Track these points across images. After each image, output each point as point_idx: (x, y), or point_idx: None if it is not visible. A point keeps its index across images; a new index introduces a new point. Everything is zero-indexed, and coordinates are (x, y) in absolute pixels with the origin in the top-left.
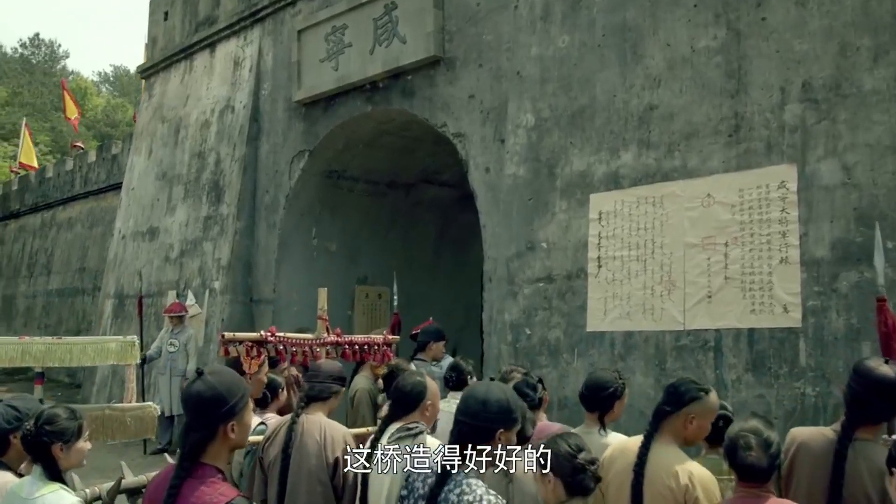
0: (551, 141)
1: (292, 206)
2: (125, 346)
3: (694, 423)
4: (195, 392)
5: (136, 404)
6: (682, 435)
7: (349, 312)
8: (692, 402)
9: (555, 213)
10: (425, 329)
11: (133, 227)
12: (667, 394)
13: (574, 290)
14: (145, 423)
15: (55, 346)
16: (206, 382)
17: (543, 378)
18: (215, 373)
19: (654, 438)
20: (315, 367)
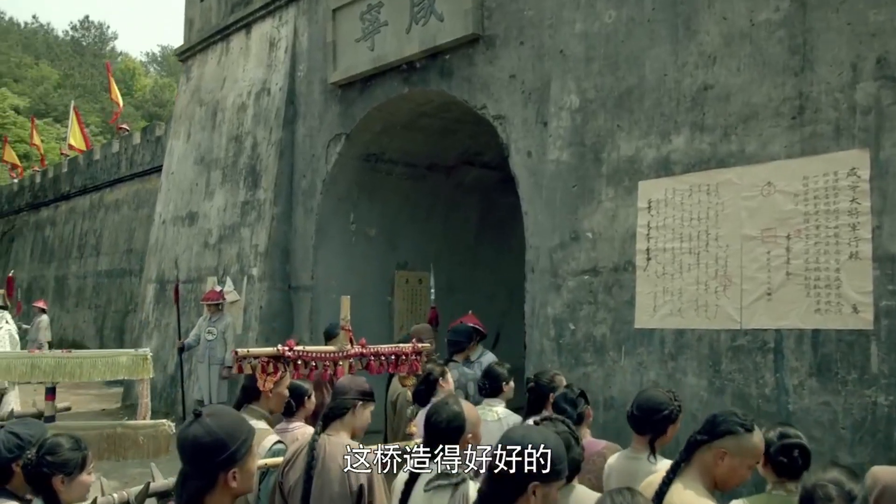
0: (597, 124)
1: (329, 191)
2: (137, 359)
3: (726, 460)
4: (192, 437)
5: (149, 422)
6: (711, 473)
7: (389, 298)
8: (727, 435)
9: (601, 202)
10: (456, 329)
11: (173, 211)
12: (704, 422)
13: (621, 283)
14: (159, 442)
15: (65, 360)
16: (205, 426)
17: (588, 377)
18: (215, 414)
19: (680, 470)
20: (340, 387)
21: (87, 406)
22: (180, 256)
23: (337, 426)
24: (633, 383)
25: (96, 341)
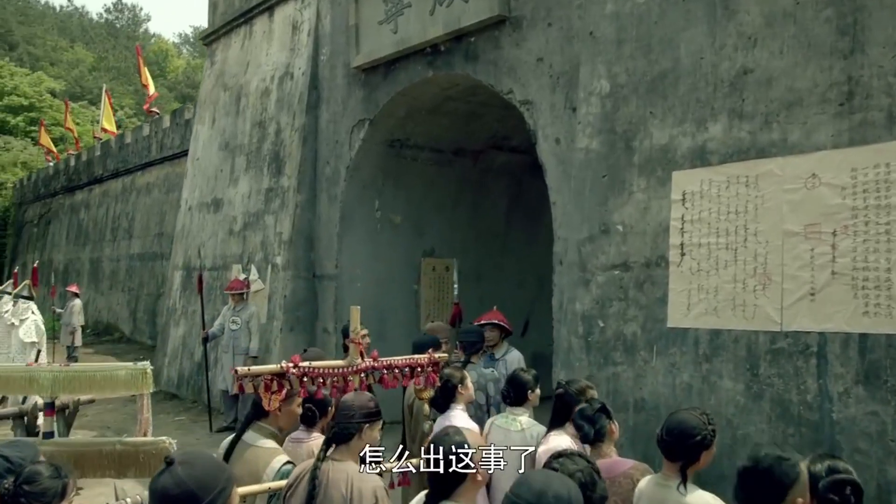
0: (628, 110)
1: (354, 178)
2: (135, 374)
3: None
4: (160, 489)
5: (149, 439)
6: None
7: (415, 286)
8: (794, 485)
9: (632, 193)
10: (467, 330)
11: (198, 198)
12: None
13: (653, 279)
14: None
15: (62, 374)
16: (175, 477)
17: (618, 377)
18: (187, 462)
19: None
20: (344, 406)
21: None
22: (206, 243)
23: (342, 451)
24: (665, 385)
25: (130, 324)
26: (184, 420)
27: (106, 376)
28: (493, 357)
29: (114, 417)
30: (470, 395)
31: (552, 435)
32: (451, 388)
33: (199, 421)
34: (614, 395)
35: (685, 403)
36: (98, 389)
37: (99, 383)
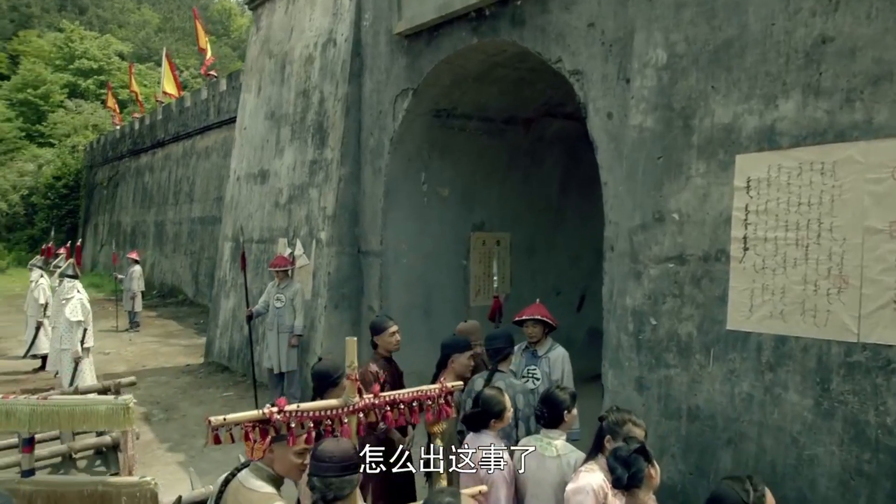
0: (687, 84)
1: (398, 150)
2: (116, 409)
3: None
4: None
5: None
6: None
7: (464, 262)
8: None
9: (690, 177)
10: (493, 335)
11: (246, 168)
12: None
13: (712, 275)
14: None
15: (41, 408)
16: None
17: (671, 381)
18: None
19: None
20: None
21: (174, 360)
22: (253, 215)
23: None
24: (722, 393)
25: (192, 287)
26: (231, 396)
27: (85, 411)
28: (535, 354)
29: (164, 392)
30: (507, 422)
31: (584, 470)
32: (490, 415)
33: (246, 397)
34: (666, 399)
35: (745, 415)
36: (78, 424)
37: (79, 418)
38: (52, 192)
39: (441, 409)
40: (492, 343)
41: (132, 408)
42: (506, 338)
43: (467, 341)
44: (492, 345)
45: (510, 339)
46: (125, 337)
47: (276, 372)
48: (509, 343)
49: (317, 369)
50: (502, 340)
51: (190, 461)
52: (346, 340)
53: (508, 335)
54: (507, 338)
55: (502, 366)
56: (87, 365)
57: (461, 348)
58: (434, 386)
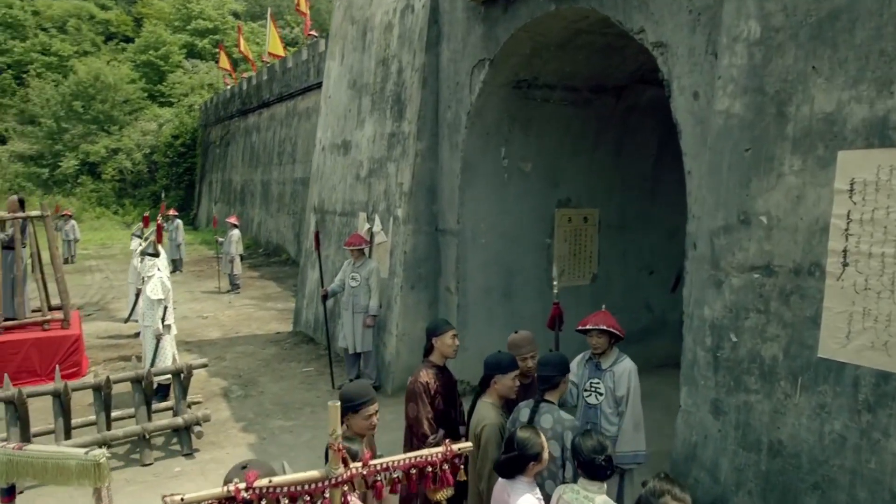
0: (783, 63)
1: (475, 125)
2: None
3: None
4: None
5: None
6: None
7: (548, 240)
8: None
9: (782, 175)
10: (546, 361)
11: (330, 138)
12: None
13: (803, 292)
14: None
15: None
16: None
17: (751, 408)
18: None
19: None
20: None
21: (266, 326)
22: (336, 187)
23: None
24: (810, 430)
25: (294, 246)
26: (311, 372)
27: (57, 465)
28: (598, 367)
29: (248, 364)
30: (543, 466)
31: None
32: (524, 459)
33: (325, 373)
34: (745, 428)
35: (835, 459)
36: (51, 478)
37: (51, 471)
38: (171, 150)
39: (443, 475)
40: (542, 368)
41: (104, 464)
42: (558, 364)
43: (512, 360)
44: (542, 371)
45: (563, 365)
46: (225, 299)
47: (350, 352)
48: (561, 370)
49: (342, 392)
50: (553, 367)
51: (261, 443)
52: (329, 406)
53: (562, 361)
54: (559, 364)
55: (551, 395)
56: (167, 342)
57: (504, 368)
58: (438, 449)
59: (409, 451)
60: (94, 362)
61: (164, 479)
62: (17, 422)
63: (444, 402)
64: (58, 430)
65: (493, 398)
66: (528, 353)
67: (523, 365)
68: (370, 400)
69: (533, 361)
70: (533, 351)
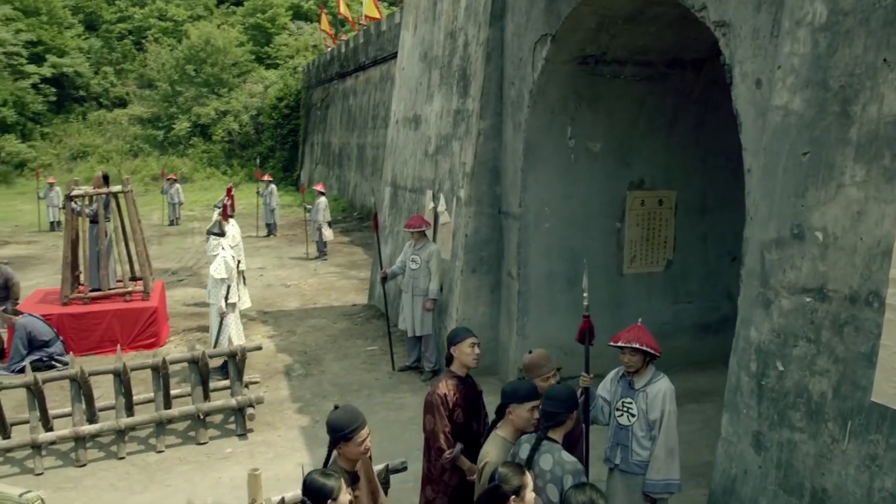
0: (851, 53)
1: (538, 104)
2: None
3: None
4: None
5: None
6: None
7: (618, 224)
8: None
9: (842, 186)
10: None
11: (402, 111)
12: None
13: (858, 324)
14: None
15: None
16: None
17: (794, 448)
18: None
19: None
20: None
21: (345, 297)
22: (407, 161)
23: None
24: (857, 482)
25: None
26: (375, 351)
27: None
28: (631, 385)
29: (316, 340)
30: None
31: None
32: (502, 495)
33: (382, 361)
34: (787, 469)
35: None
36: None
37: None
38: (276, 112)
39: None
40: (548, 403)
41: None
42: (565, 400)
43: (531, 389)
44: (547, 405)
45: (571, 401)
46: (311, 266)
47: (410, 335)
48: (568, 407)
49: (330, 421)
50: (560, 403)
51: (312, 426)
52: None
53: (570, 396)
54: (566, 400)
55: (554, 433)
56: (231, 320)
57: (521, 397)
58: None
59: (427, 464)
60: (174, 331)
61: (215, 460)
62: (81, 398)
63: (465, 415)
64: (118, 406)
65: (508, 430)
66: (549, 373)
67: (544, 385)
68: (361, 426)
69: (555, 380)
70: (552, 370)
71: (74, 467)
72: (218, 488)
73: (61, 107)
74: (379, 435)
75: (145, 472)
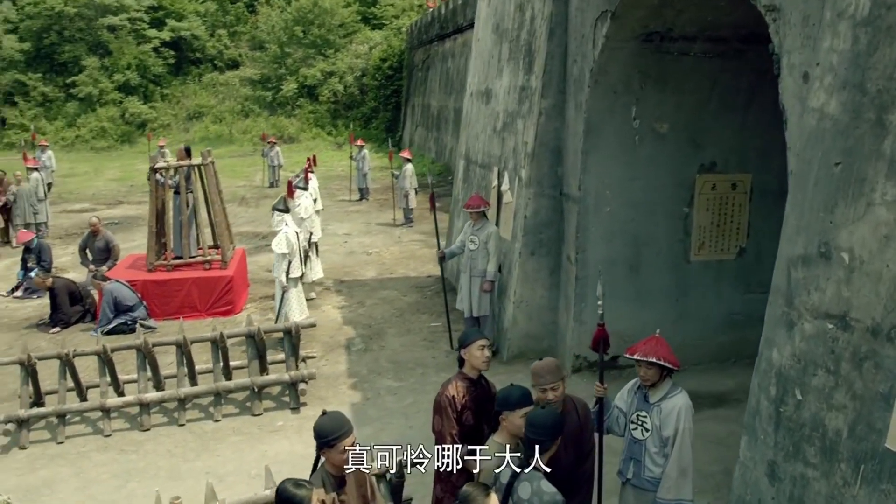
0: (891, 54)
1: (599, 83)
2: None
3: None
4: None
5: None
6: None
7: (686, 210)
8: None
9: (872, 204)
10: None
11: (476, 84)
12: None
13: (879, 360)
14: None
15: None
16: None
17: (806, 484)
18: None
19: None
20: None
21: (422, 267)
22: (479, 136)
23: None
24: None
25: None
26: (437, 328)
27: None
28: (646, 399)
29: (383, 313)
30: None
31: None
32: None
33: (441, 338)
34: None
35: None
36: None
37: None
38: (379, 73)
39: None
40: (531, 430)
41: None
42: (550, 427)
43: (523, 395)
44: (530, 432)
45: (556, 428)
46: (396, 234)
47: (467, 316)
48: (552, 434)
49: (315, 427)
50: (544, 431)
51: (363, 403)
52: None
53: (555, 423)
54: (551, 427)
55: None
56: (293, 294)
57: (513, 404)
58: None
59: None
60: (252, 298)
61: (266, 433)
62: (146, 366)
63: (475, 418)
64: (179, 376)
65: (504, 437)
66: (550, 384)
67: (542, 397)
68: (344, 434)
69: (555, 394)
70: (555, 381)
71: (139, 431)
72: (262, 462)
73: (179, 69)
74: (424, 417)
75: (200, 441)
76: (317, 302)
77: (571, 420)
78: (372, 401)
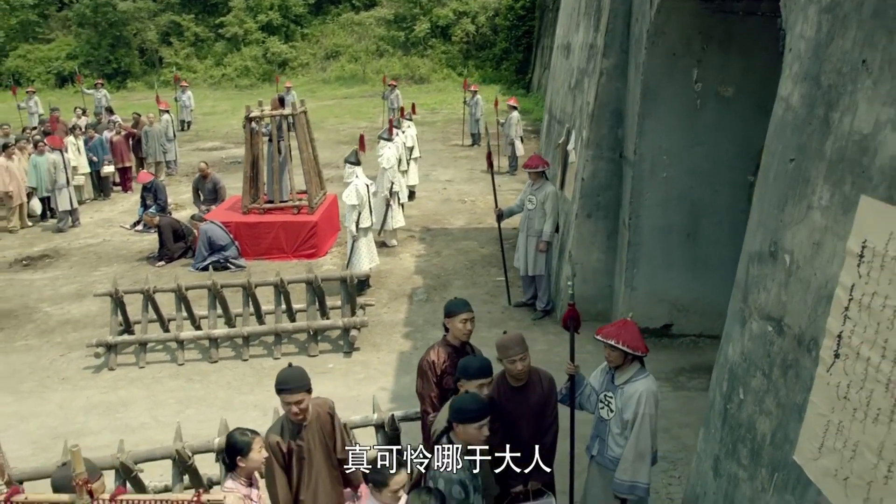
0: (842, 47)
1: (657, 45)
2: None
3: None
4: None
5: None
6: None
7: (750, 178)
8: None
9: (811, 207)
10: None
11: (561, 37)
12: None
13: (799, 370)
14: None
15: None
16: None
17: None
18: None
19: None
20: None
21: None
22: (559, 91)
23: None
24: None
25: None
26: (501, 283)
27: None
28: (613, 381)
29: (455, 265)
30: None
31: None
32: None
33: (499, 294)
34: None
35: None
36: None
37: None
38: (512, 13)
39: None
40: (455, 414)
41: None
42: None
43: (482, 367)
44: (457, 405)
45: (486, 404)
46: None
47: (522, 274)
48: (481, 413)
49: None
50: (471, 405)
51: (411, 353)
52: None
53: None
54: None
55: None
56: (363, 244)
57: (471, 374)
58: (184, 495)
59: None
60: (338, 242)
61: (315, 374)
62: (216, 305)
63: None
64: (244, 315)
65: None
66: (517, 356)
67: (512, 367)
68: (295, 388)
69: (522, 364)
70: (522, 353)
71: (208, 363)
72: None
73: (319, 9)
74: None
75: (257, 376)
76: (396, 249)
77: (535, 392)
78: (420, 351)
